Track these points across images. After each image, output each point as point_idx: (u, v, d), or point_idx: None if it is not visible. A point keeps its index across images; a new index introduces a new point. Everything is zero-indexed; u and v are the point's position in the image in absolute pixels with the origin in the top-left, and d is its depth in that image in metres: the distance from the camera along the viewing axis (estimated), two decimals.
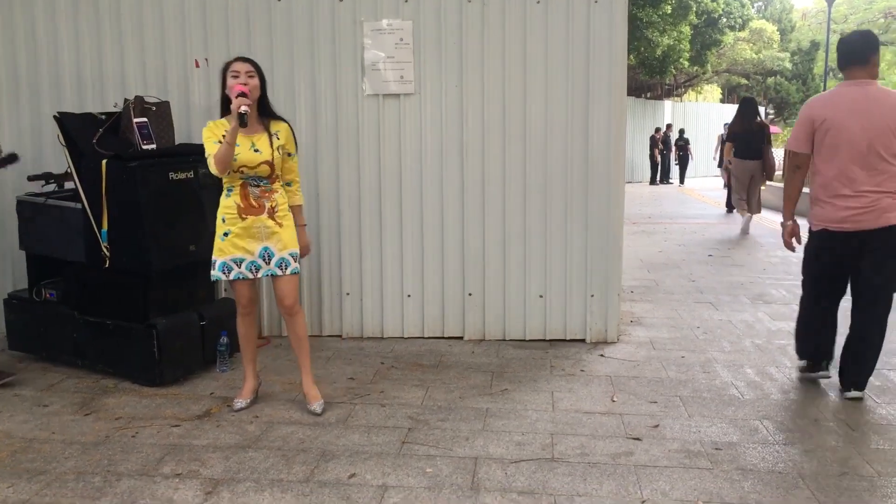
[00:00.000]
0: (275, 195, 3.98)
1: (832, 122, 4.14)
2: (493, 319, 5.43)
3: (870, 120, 4.07)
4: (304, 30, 5.27)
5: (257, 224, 3.93)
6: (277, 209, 3.98)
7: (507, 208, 5.31)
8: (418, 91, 5.27)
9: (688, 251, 9.44)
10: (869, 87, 4.15)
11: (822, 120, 4.17)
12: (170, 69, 5.36)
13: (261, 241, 3.94)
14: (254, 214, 3.92)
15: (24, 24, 5.39)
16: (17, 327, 5.01)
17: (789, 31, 38.85)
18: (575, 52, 5.14)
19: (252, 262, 3.95)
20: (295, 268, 4.03)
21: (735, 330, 5.76)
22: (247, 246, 3.93)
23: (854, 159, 4.10)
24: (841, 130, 4.12)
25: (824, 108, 4.21)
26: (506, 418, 4.04)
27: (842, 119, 4.12)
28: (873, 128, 4.06)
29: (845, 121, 4.11)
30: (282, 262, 3.99)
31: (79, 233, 4.57)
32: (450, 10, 5.19)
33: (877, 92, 4.12)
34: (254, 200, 3.93)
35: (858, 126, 4.08)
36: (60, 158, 4.77)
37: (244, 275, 3.96)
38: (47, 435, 3.82)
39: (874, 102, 4.10)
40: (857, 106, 4.11)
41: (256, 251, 3.94)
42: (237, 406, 4.17)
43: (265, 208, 3.94)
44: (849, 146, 4.10)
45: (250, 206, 3.92)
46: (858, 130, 4.08)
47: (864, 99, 4.12)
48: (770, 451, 3.63)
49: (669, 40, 22.96)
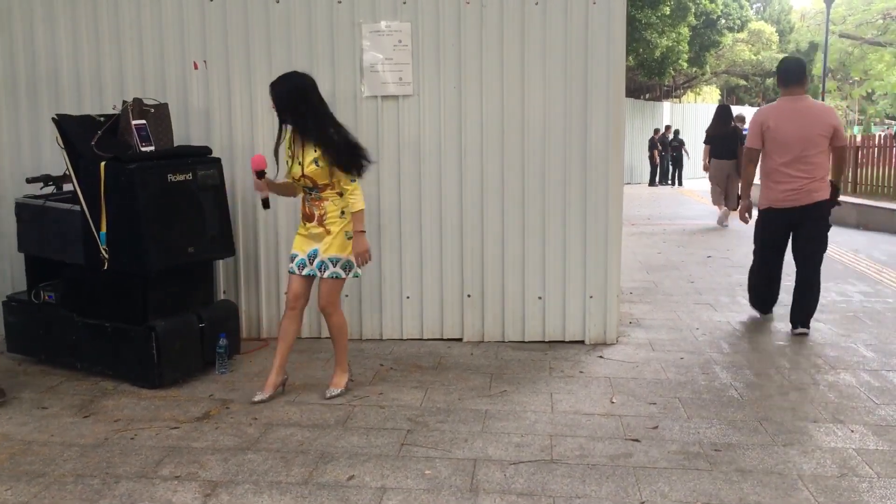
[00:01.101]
0: (324, 203, 4.20)
1: (775, 126, 5.46)
2: (491, 321, 5.43)
3: (802, 125, 5.41)
4: (302, 31, 5.27)
5: (310, 229, 4.26)
6: (326, 217, 4.21)
7: (505, 209, 5.31)
8: (417, 93, 5.27)
9: (687, 252, 9.44)
10: (803, 100, 5.53)
11: (768, 125, 5.49)
12: (168, 71, 5.36)
13: (313, 243, 4.25)
14: (308, 220, 4.27)
15: (22, 26, 5.39)
16: (15, 329, 5.01)
17: (788, 32, 38.87)
18: (573, 53, 5.15)
19: (301, 259, 4.26)
20: (333, 272, 4.24)
21: (734, 331, 5.76)
22: (303, 245, 4.27)
23: (791, 154, 5.42)
24: (782, 133, 5.44)
25: (770, 116, 5.54)
26: (505, 420, 4.04)
27: (782, 124, 5.45)
28: (805, 131, 5.40)
29: (785, 126, 5.44)
30: (322, 265, 4.23)
31: (77, 235, 4.56)
32: (448, 12, 5.19)
33: (809, 104, 5.54)
34: (307, 208, 4.26)
35: (794, 129, 5.42)
36: (59, 161, 4.77)
37: (293, 269, 4.28)
38: (46, 437, 3.82)
39: (806, 112, 5.46)
40: (794, 115, 5.46)
41: (308, 251, 4.25)
42: (256, 398, 4.28)
43: (315, 216, 4.23)
44: (787, 144, 5.43)
45: (305, 213, 4.29)
46: (794, 133, 5.41)
47: (799, 110, 5.48)
48: (769, 453, 3.63)
49: (668, 42, 22.96)
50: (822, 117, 5.47)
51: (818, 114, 5.49)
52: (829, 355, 5.15)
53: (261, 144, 5.28)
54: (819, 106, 5.67)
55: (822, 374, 4.78)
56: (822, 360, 5.05)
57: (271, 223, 5.43)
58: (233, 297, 5.44)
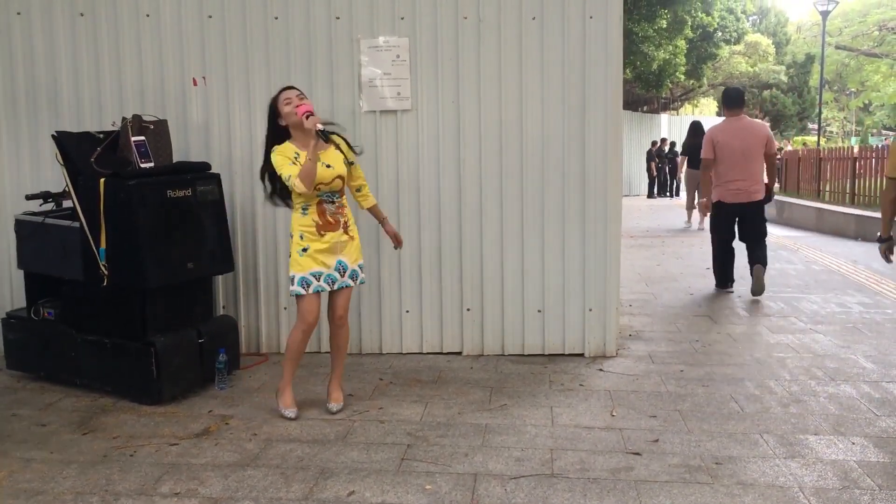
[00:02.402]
0: (345, 209, 4.21)
1: (723, 141, 7.18)
2: (491, 334, 5.43)
3: (743, 138, 7.15)
4: (301, 47, 5.30)
5: (335, 240, 4.14)
6: (349, 223, 4.22)
7: (504, 223, 5.32)
8: (415, 107, 5.29)
9: (685, 264, 9.45)
10: (742, 120, 7.33)
11: (717, 140, 7.23)
12: (167, 87, 5.38)
13: (336, 255, 4.16)
14: (332, 230, 4.12)
15: (22, 43, 5.41)
16: (15, 346, 5.01)
17: (784, 44, 39.00)
18: (571, 67, 5.17)
19: (329, 274, 4.15)
20: (363, 278, 4.35)
21: (734, 343, 5.76)
22: (325, 260, 4.13)
23: (735, 162, 7.13)
24: (728, 146, 7.14)
25: (718, 133, 7.30)
26: (505, 434, 4.03)
27: (728, 139, 7.18)
28: (745, 143, 7.12)
29: (730, 140, 7.16)
30: (354, 273, 4.24)
31: (77, 251, 4.57)
32: (446, 27, 5.22)
33: (747, 122, 7.34)
34: (330, 217, 4.12)
35: (737, 143, 7.13)
36: (59, 177, 4.78)
37: (322, 287, 4.13)
38: (45, 454, 3.81)
39: (747, 129, 7.25)
40: (736, 131, 7.21)
41: (333, 264, 4.15)
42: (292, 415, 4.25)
43: (340, 223, 4.16)
44: (732, 155, 7.14)
45: (328, 223, 4.11)
46: (738, 146, 7.12)
47: (740, 127, 7.25)
48: (771, 465, 3.63)
49: (665, 54, 23.03)
50: (758, 132, 7.20)
51: (754, 129, 7.24)
52: (828, 367, 5.15)
53: (259, 159, 5.26)
54: (754, 123, 7.43)
55: (823, 385, 4.77)
56: (822, 371, 5.05)
57: (270, 238, 5.44)
58: (232, 312, 5.44)
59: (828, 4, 24.94)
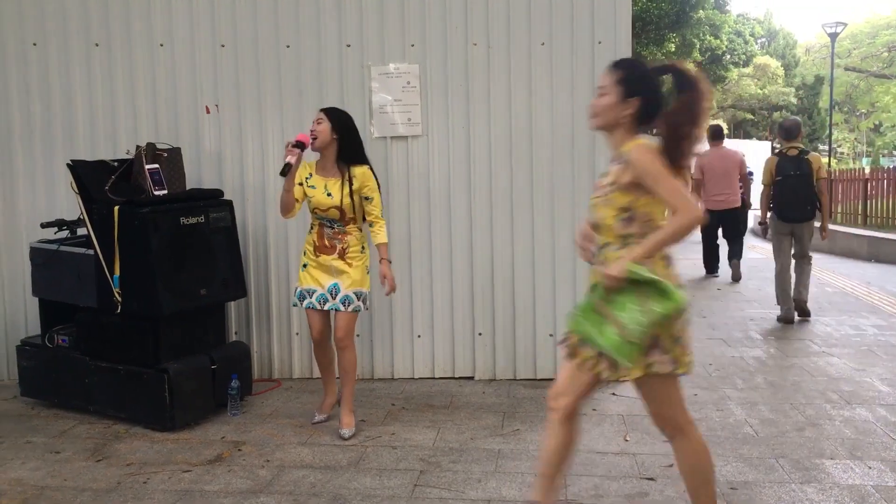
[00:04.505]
0: (347, 237, 4.27)
1: (708, 164, 9.43)
2: (503, 359, 5.42)
3: (723, 163, 9.50)
4: (312, 75, 5.35)
5: (327, 262, 4.26)
6: (348, 251, 4.27)
7: (514, 248, 5.33)
8: (426, 133, 5.33)
9: (697, 286, 9.41)
10: (722, 149, 9.75)
11: (704, 164, 9.36)
12: (181, 115, 5.44)
13: (332, 277, 4.26)
14: (325, 254, 4.26)
15: (37, 72, 5.49)
16: (29, 373, 5.03)
17: (793, 66, 39.09)
18: (580, 92, 5.19)
19: (322, 294, 4.26)
20: (357, 306, 4.30)
21: (747, 367, 5.72)
22: (320, 279, 4.27)
23: (718, 181, 9.47)
24: (712, 169, 9.45)
25: (705, 159, 9.38)
26: (518, 459, 4.01)
27: (712, 162, 9.45)
28: (725, 166, 9.50)
29: (714, 163, 9.46)
30: (346, 299, 4.26)
31: (91, 279, 4.60)
32: (455, 54, 5.27)
33: (726, 151, 9.79)
34: (327, 241, 4.26)
35: (719, 166, 9.47)
36: (73, 205, 4.83)
37: (313, 304, 4.28)
38: (59, 482, 3.81)
39: (724, 155, 9.64)
40: (718, 158, 9.54)
41: (327, 285, 4.26)
42: (315, 419, 4.55)
43: (336, 249, 4.26)
44: (715, 175, 9.46)
45: (323, 246, 4.27)
46: (719, 168, 9.47)
47: (720, 155, 9.61)
48: (786, 490, 3.59)
49: None
50: (734, 158, 9.65)
51: (731, 156, 9.70)
52: (844, 390, 5.10)
53: (272, 186, 5.33)
54: (731, 151, 9.97)
55: (838, 409, 4.73)
56: (837, 395, 5.01)
57: (282, 264, 5.46)
58: (244, 339, 5.45)
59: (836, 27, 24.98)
